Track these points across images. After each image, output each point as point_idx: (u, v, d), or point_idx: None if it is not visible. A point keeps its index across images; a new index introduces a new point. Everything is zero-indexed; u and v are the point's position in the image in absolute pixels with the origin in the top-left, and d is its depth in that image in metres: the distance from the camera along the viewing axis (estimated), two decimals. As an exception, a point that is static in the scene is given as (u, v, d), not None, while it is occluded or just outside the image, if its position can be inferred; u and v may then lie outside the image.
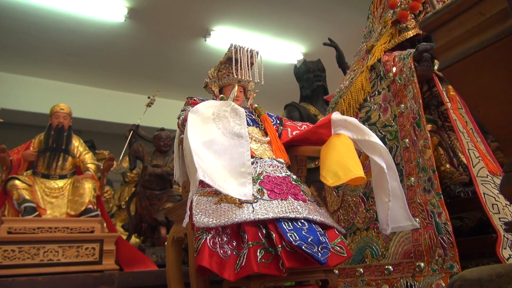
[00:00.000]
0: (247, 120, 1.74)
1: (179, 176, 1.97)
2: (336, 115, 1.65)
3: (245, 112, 1.73)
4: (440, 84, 1.93)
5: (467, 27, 0.61)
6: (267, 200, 1.42)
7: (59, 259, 2.75)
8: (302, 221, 1.39)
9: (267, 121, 1.88)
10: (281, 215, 1.36)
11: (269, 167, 1.62)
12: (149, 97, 4.37)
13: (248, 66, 1.89)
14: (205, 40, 5.50)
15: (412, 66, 1.88)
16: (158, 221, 3.78)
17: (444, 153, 1.94)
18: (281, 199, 1.43)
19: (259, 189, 1.47)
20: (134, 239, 4.25)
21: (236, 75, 1.88)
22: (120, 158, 4.31)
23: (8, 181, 3.01)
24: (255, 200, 1.41)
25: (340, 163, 1.48)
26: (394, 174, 1.55)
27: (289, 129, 1.90)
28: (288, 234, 1.30)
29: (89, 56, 5.70)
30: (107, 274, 2.60)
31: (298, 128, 1.91)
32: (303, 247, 1.27)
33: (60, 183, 3.18)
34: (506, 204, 1.55)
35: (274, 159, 1.70)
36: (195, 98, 1.91)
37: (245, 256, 1.28)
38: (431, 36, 1.89)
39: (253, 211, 1.35)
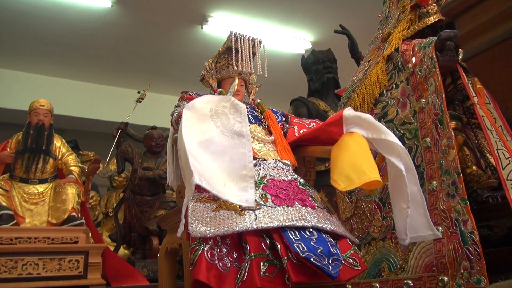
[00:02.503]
0: (248, 117, 1.74)
1: (172, 180, 1.97)
2: (348, 111, 1.65)
3: (247, 108, 1.73)
4: (465, 76, 1.93)
5: (494, 12, 0.61)
6: (271, 207, 1.42)
7: (39, 273, 2.76)
8: (311, 230, 1.39)
9: (271, 118, 1.89)
10: (287, 224, 1.36)
11: (274, 169, 1.63)
12: (139, 92, 4.37)
13: (249, 57, 1.89)
14: (202, 28, 5.51)
15: (434, 56, 1.88)
16: (150, 230, 3.79)
17: (470, 154, 1.94)
18: (287, 206, 1.43)
19: (262, 195, 1.47)
20: (122, 251, 4.26)
21: (237, 66, 1.88)
22: (107, 160, 4.31)
23: (-18, 186, 3.03)
24: (258, 207, 1.41)
25: (353, 165, 1.48)
26: (414, 178, 1.54)
27: (295, 127, 1.90)
28: (295, 245, 1.31)
29: (72, 46, 5.72)
30: (92, 290, 2.61)
31: (306, 126, 1.91)
32: (312, 259, 1.27)
33: (40, 188, 3.19)
34: (540, 210, 1.55)
35: (279, 160, 1.70)
36: (190, 93, 1.92)
37: (246, 270, 1.29)
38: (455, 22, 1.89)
39: (256, 219, 1.36)
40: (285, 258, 1.30)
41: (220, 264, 1.31)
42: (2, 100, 6.05)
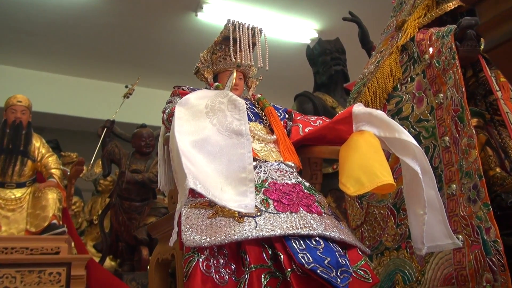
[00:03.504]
0: (248, 114, 1.74)
1: (164, 184, 1.97)
2: (358, 108, 1.65)
3: (246, 104, 1.74)
4: (488, 69, 1.93)
5: (518, -1, 0.62)
6: (274, 213, 1.42)
7: (16, 287, 2.76)
8: (317, 239, 1.39)
9: (273, 115, 1.89)
10: (290, 232, 1.36)
11: (276, 172, 1.63)
12: (126, 86, 4.39)
13: (249, 47, 1.89)
14: (196, 15, 5.51)
15: (453, 46, 1.88)
16: (139, 239, 3.79)
17: (494, 154, 1.94)
18: (291, 212, 1.44)
19: (263, 200, 1.47)
20: (109, 262, 4.27)
21: (235, 58, 1.88)
22: (91, 161, 4.32)
23: (-47, 191, 3.03)
24: (259, 213, 1.41)
25: (364, 167, 1.48)
26: (431, 181, 1.55)
27: (300, 125, 1.90)
28: (300, 255, 1.31)
29: (52, 36, 5.72)
30: (76, 306, 2.62)
31: (312, 123, 1.91)
32: (318, 271, 1.28)
33: (18, 193, 3.19)
34: None
35: (281, 162, 1.71)
36: (183, 87, 1.92)
37: (246, 283, 1.29)
38: (476, 9, 1.89)
39: (256, 227, 1.36)
40: (289, 270, 1.30)
41: (217, 276, 1.31)
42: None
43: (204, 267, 1.31)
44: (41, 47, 5.95)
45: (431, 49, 1.99)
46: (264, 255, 1.35)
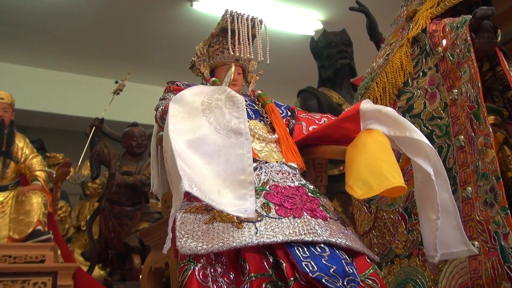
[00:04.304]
0: (247, 112, 1.75)
1: (157, 187, 1.98)
2: (366, 104, 1.65)
3: (245, 101, 1.74)
4: (506, 62, 1.93)
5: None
6: (275, 218, 1.43)
7: (-2, 298, 2.77)
8: (322, 245, 1.40)
9: (275, 113, 1.89)
10: (293, 238, 1.37)
11: (278, 174, 1.63)
12: (116, 82, 4.39)
13: (248, 40, 1.89)
14: (191, 5, 5.51)
15: (468, 38, 1.88)
16: (130, 246, 3.79)
17: (512, 154, 1.94)
18: (294, 217, 1.44)
19: (264, 204, 1.47)
20: (98, 271, 4.27)
21: (233, 51, 1.88)
22: (79, 163, 4.32)
23: None
24: (259, 219, 1.42)
25: (373, 168, 1.48)
26: (445, 183, 1.55)
27: (304, 123, 1.91)
28: (303, 263, 1.31)
29: (36, 27, 5.71)
30: (62, 318, 2.62)
31: (316, 121, 1.91)
32: (323, 280, 1.28)
33: (0, 197, 3.19)
34: None
35: (284, 163, 1.71)
36: (178, 83, 1.92)
37: (246, 293, 1.29)
38: (492, -2, 1.90)
39: (257, 233, 1.36)
40: (292, 279, 1.30)
41: (214, 286, 1.32)
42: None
43: (201, 277, 1.31)
44: (24, 40, 5.95)
45: (444, 41, 1.99)
46: (265, 263, 1.35)
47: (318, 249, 1.38)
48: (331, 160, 2.33)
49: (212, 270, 1.34)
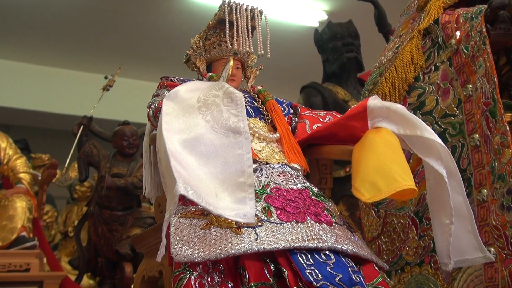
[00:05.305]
0: (247, 109, 1.75)
1: (150, 190, 1.98)
2: (374, 101, 1.65)
3: (244, 97, 1.74)
4: (524, 55, 1.94)
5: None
6: (277, 223, 1.43)
7: (-20, 310, 2.77)
8: (327, 252, 1.40)
9: (276, 110, 1.89)
10: (296, 244, 1.37)
11: (279, 176, 1.63)
12: (106, 77, 4.38)
13: (247, 32, 1.90)
14: (186, -6, 5.52)
15: (484, 30, 1.88)
16: (121, 254, 3.79)
17: (531, 154, 1.94)
18: (296, 222, 1.44)
19: (264, 208, 1.48)
20: (86, 281, 4.27)
21: (231, 44, 1.89)
22: (66, 164, 4.32)
23: None
24: (260, 223, 1.42)
25: (381, 169, 1.49)
26: (459, 185, 1.55)
27: (307, 122, 1.91)
28: (307, 271, 1.31)
29: (19, 19, 5.72)
30: (49, 331, 2.62)
31: (321, 119, 1.91)
32: (328, 290, 1.28)
33: (-19, 201, 3.20)
34: None
35: (286, 164, 1.71)
36: (172, 78, 1.92)
37: (245, 303, 1.30)
38: (510, -13, 1.90)
39: (257, 239, 1.37)
40: (295, 288, 1.31)
41: (212, 296, 1.32)
42: None
43: (197, 286, 1.31)
44: (5, 32, 5.94)
45: (458, 33, 1.99)
46: (265, 271, 1.35)
47: (323, 256, 1.38)
48: (336, 161, 2.33)
49: (209, 279, 1.34)
